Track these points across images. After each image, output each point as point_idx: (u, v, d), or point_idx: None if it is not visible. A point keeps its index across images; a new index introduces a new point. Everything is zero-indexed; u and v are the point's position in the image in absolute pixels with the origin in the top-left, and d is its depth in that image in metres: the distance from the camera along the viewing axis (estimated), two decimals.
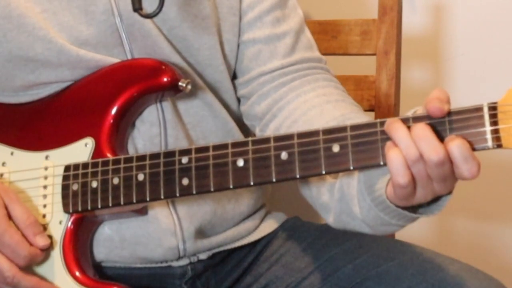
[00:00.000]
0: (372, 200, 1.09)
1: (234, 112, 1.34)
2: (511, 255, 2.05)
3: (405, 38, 1.62)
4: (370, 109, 1.61)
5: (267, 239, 1.36)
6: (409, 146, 1.01)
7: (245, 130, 1.36)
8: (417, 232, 2.10)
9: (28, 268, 1.18)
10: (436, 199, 1.07)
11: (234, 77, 1.34)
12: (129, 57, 1.24)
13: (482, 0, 1.97)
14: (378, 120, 1.05)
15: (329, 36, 1.60)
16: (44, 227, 1.21)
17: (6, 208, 1.17)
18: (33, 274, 1.18)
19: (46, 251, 1.20)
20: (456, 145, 0.99)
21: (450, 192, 1.06)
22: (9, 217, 1.17)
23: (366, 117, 1.22)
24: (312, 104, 1.26)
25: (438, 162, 1.00)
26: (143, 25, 1.23)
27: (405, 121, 1.03)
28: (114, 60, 1.23)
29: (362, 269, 1.24)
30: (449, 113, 1.01)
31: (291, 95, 1.28)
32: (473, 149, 1.00)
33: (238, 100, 1.35)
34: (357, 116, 1.21)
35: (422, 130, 1.00)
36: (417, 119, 1.02)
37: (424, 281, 1.18)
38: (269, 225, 1.37)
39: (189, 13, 1.25)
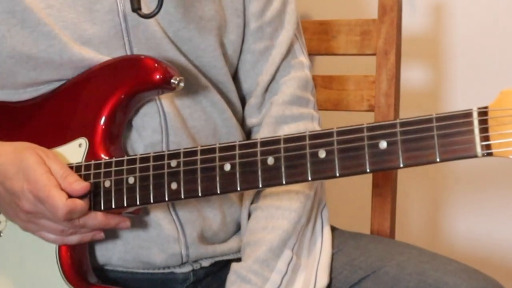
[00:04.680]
0: None
1: (238, 113, 1.34)
2: (509, 256, 2.05)
3: (405, 38, 1.62)
4: (370, 109, 1.60)
5: None
6: None
7: (246, 131, 1.36)
8: (416, 232, 2.10)
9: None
10: None
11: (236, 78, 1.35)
12: None
13: (482, 0, 1.97)
14: (365, 124, 1.02)
15: (329, 36, 1.60)
16: None
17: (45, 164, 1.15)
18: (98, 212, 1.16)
19: (43, 257, 1.19)
20: None
21: None
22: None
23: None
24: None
25: None
26: (148, 26, 1.21)
27: None
28: None
29: (360, 269, 1.24)
30: (437, 119, 0.97)
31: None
32: (462, 158, 0.96)
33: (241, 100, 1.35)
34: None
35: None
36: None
37: (422, 282, 1.18)
38: None
39: (195, 14, 1.25)
